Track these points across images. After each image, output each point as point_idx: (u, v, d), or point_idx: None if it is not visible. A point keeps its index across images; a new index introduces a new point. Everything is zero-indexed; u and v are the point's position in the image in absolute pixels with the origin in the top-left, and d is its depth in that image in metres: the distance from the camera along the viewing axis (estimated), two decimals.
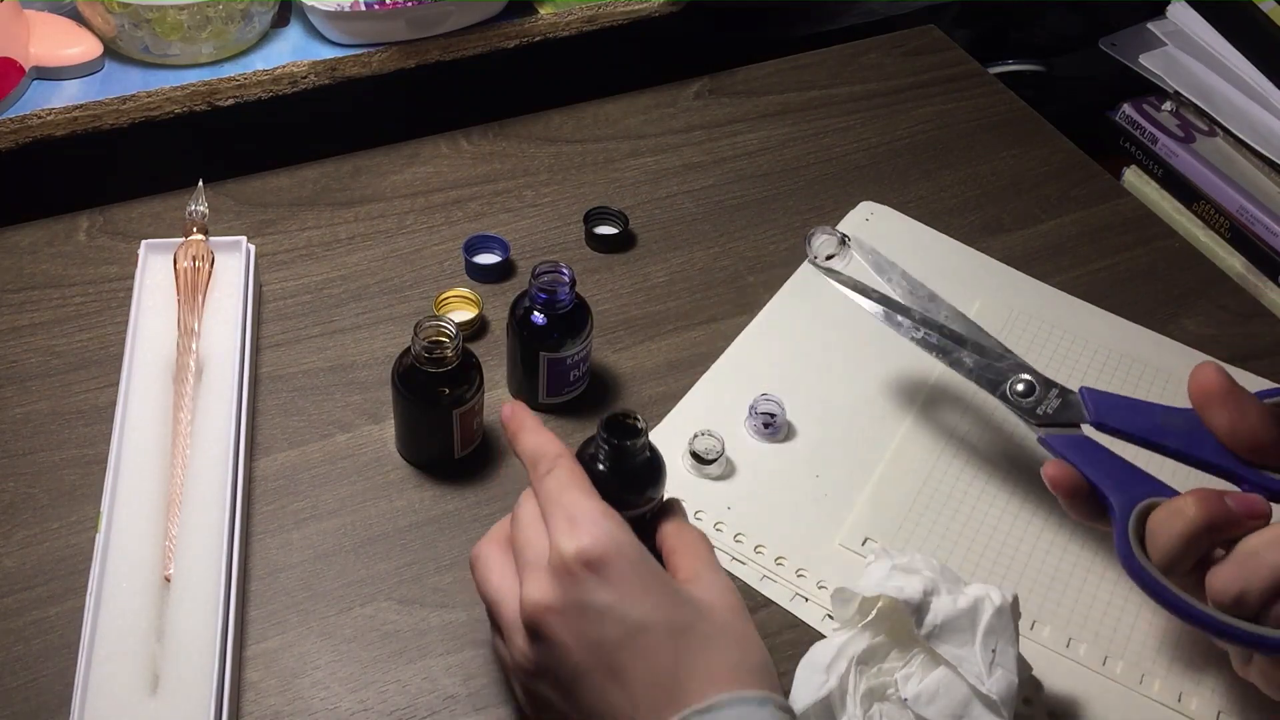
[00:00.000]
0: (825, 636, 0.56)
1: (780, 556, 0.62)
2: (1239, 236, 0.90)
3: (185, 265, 0.69)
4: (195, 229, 0.71)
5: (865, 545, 0.62)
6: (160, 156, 0.81)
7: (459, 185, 0.83)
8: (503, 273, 0.77)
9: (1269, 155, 0.90)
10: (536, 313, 0.65)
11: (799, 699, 0.52)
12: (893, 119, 0.93)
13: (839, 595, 0.54)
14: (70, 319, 0.72)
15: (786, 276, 0.78)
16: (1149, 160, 0.97)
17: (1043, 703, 0.57)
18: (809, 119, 0.92)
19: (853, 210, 0.84)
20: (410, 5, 0.80)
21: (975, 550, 0.63)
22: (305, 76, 0.81)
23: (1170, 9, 1.00)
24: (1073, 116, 0.98)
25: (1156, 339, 0.76)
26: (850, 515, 0.64)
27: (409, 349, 0.61)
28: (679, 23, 0.91)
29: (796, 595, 0.60)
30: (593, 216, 0.80)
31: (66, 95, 0.76)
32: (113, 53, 0.79)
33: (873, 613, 0.53)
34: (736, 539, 0.63)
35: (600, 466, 0.53)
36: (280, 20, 0.83)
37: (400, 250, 0.78)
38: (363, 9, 0.79)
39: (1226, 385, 0.54)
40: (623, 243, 0.79)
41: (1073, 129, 0.94)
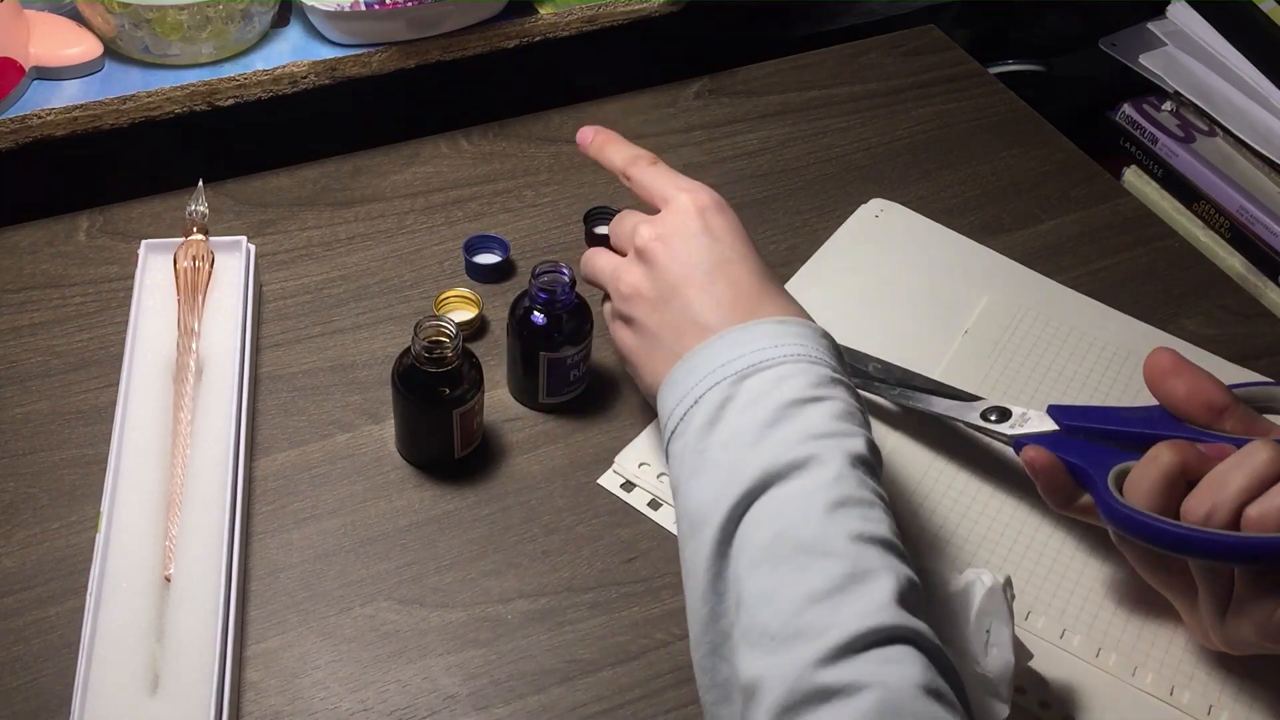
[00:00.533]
0: None
1: None
2: (1239, 236, 0.90)
3: (185, 265, 0.69)
4: (195, 229, 0.71)
5: None
6: (160, 156, 0.81)
7: (459, 185, 0.83)
8: (503, 273, 0.77)
9: (1269, 155, 0.90)
10: (536, 313, 0.65)
11: None
12: (893, 119, 0.93)
13: None
14: (70, 319, 0.72)
15: (787, 276, 0.78)
16: (1149, 160, 0.97)
17: (1035, 693, 0.57)
18: (809, 119, 0.92)
19: (863, 206, 0.84)
20: (410, 5, 0.80)
21: (972, 541, 0.63)
22: (305, 76, 0.81)
23: (1170, 9, 1.00)
24: (1073, 116, 0.98)
25: (1164, 338, 0.76)
26: None
27: (409, 349, 0.61)
28: (679, 23, 0.91)
29: None
30: (593, 216, 0.80)
31: (66, 95, 0.76)
32: (113, 53, 0.79)
33: None
34: None
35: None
36: (280, 20, 0.83)
37: (400, 250, 0.78)
38: (363, 9, 0.79)
39: (1179, 359, 0.58)
40: None
41: (1073, 129, 0.94)
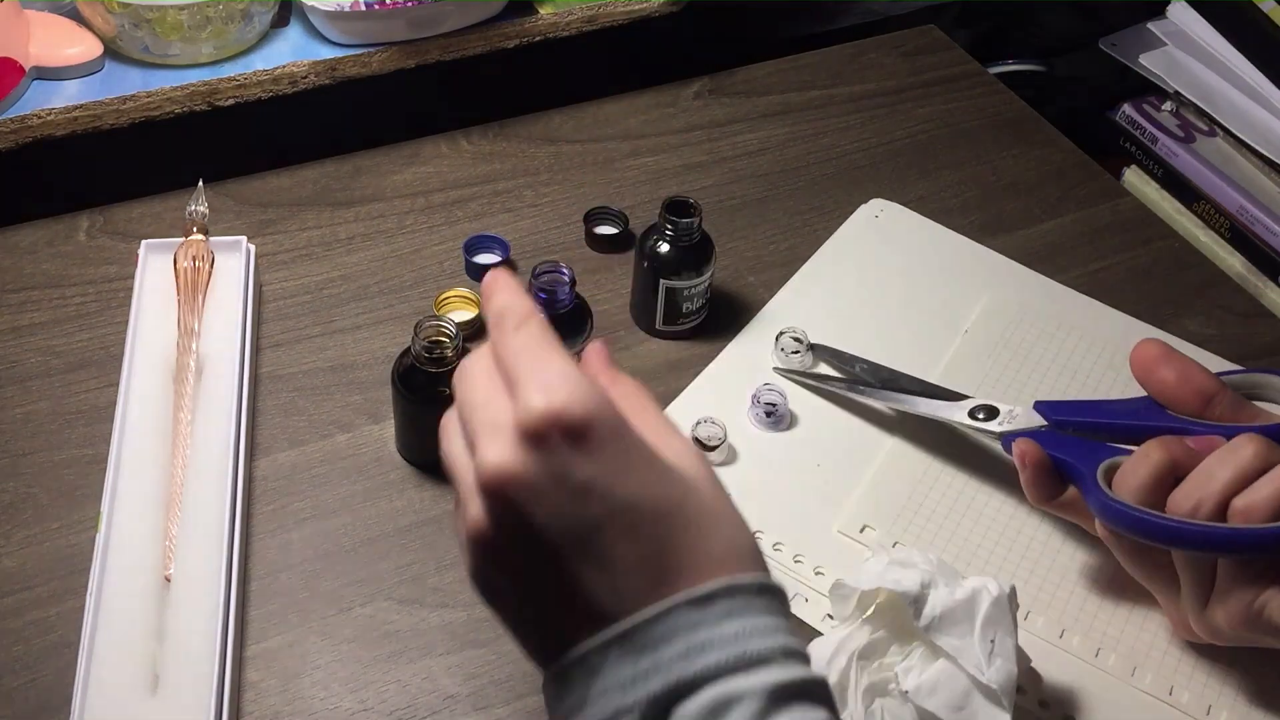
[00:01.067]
0: (824, 635, 0.56)
1: (778, 542, 0.62)
2: (1239, 236, 0.90)
3: (185, 265, 0.69)
4: (195, 229, 0.71)
5: (863, 533, 0.63)
6: (160, 156, 0.81)
7: (459, 185, 0.83)
8: None
9: (1269, 155, 0.90)
10: None
11: None
12: (893, 119, 0.93)
13: (837, 591, 0.54)
14: (70, 319, 0.72)
15: (787, 276, 0.78)
16: (1149, 160, 0.97)
17: (1035, 693, 0.57)
18: (809, 119, 0.92)
19: (863, 206, 0.84)
20: (410, 5, 0.80)
21: (973, 540, 0.63)
22: (305, 76, 0.81)
23: (1170, 9, 1.00)
24: (1073, 116, 0.98)
25: (1165, 339, 0.75)
26: (849, 503, 0.64)
27: (409, 349, 0.61)
28: (679, 23, 0.91)
29: (796, 595, 0.60)
30: (593, 216, 0.80)
31: (66, 95, 0.76)
32: (113, 53, 0.79)
33: (871, 608, 0.53)
34: None
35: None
36: (280, 20, 0.83)
37: (400, 250, 0.78)
38: (363, 9, 0.79)
39: (1166, 349, 0.59)
40: (623, 243, 0.79)
41: (1073, 129, 0.94)
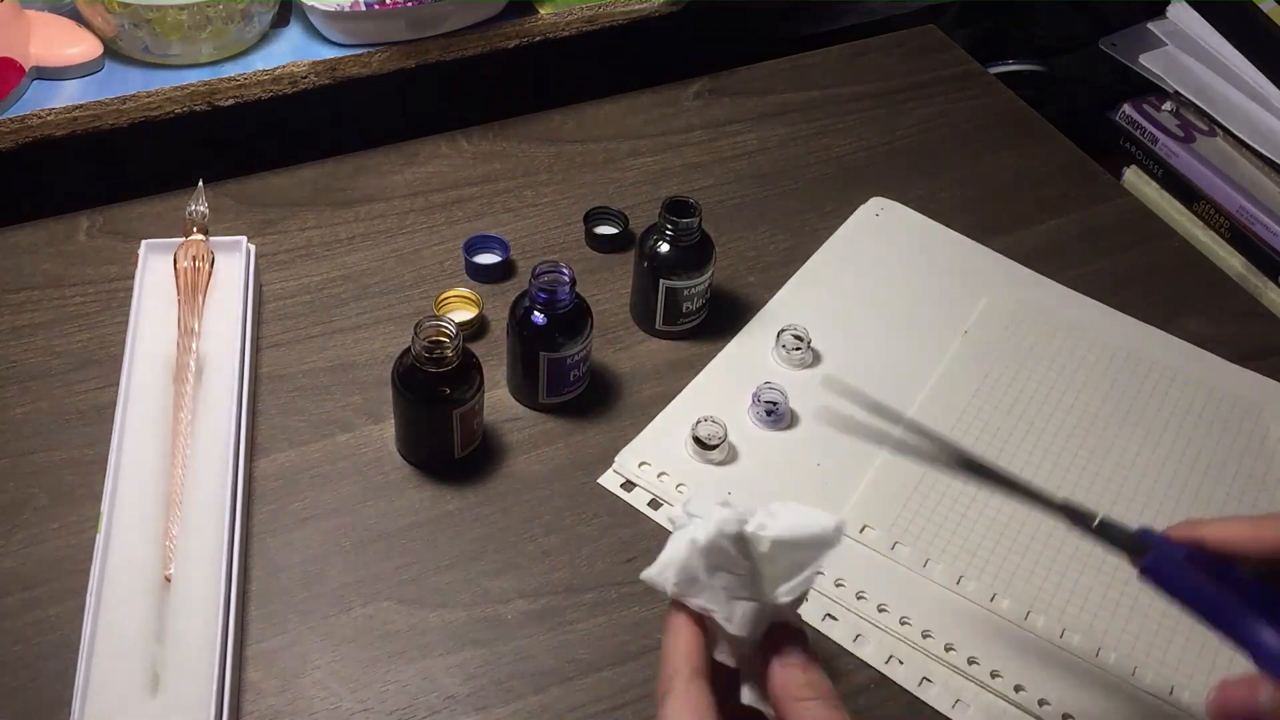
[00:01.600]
0: (834, 644, 0.56)
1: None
2: (1239, 236, 0.90)
3: (185, 265, 0.69)
4: (195, 229, 0.71)
5: (863, 533, 0.63)
6: (160, 156, 0.81)
7: (459, 185, 0.83)
8: (503, 273, 0.77)
9: (1269, 155, 0.90)
10: (536, 313, 0.65)
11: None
12: (893, 119, 0.93)
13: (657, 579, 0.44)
14: (70, 319, 0.72)
15: (786, 276, 0.78)
16: (1149, 160, 0.97)
17: (1034, 691, 0.57)
18: (809, 119, 0.92)
19: (863, 206, 0.84)
20: (410, 5, 0.80)
21: (973, 540, 0.63)
22: (305, 76, 0.81)
23: (1170, 9, 1.00)
24: (1073, 116, 0.98)
25: (1165, 338, 0.76)
26: (849, 502, 0.64)
27: (409, 349, 0.61)
28: (679, 23, 0.91)
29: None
30: (593, 216, 0.80)
31: (66, 95, 0.76)
32: (113, 53, 0.79)
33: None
34: None
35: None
36: (280, 20, 0.83)
37: (400, 250, 0.78)
38: (363, 9, 0.79)
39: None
40: (623, 243, 0.79)
41: (1073, 129, 0.94)
